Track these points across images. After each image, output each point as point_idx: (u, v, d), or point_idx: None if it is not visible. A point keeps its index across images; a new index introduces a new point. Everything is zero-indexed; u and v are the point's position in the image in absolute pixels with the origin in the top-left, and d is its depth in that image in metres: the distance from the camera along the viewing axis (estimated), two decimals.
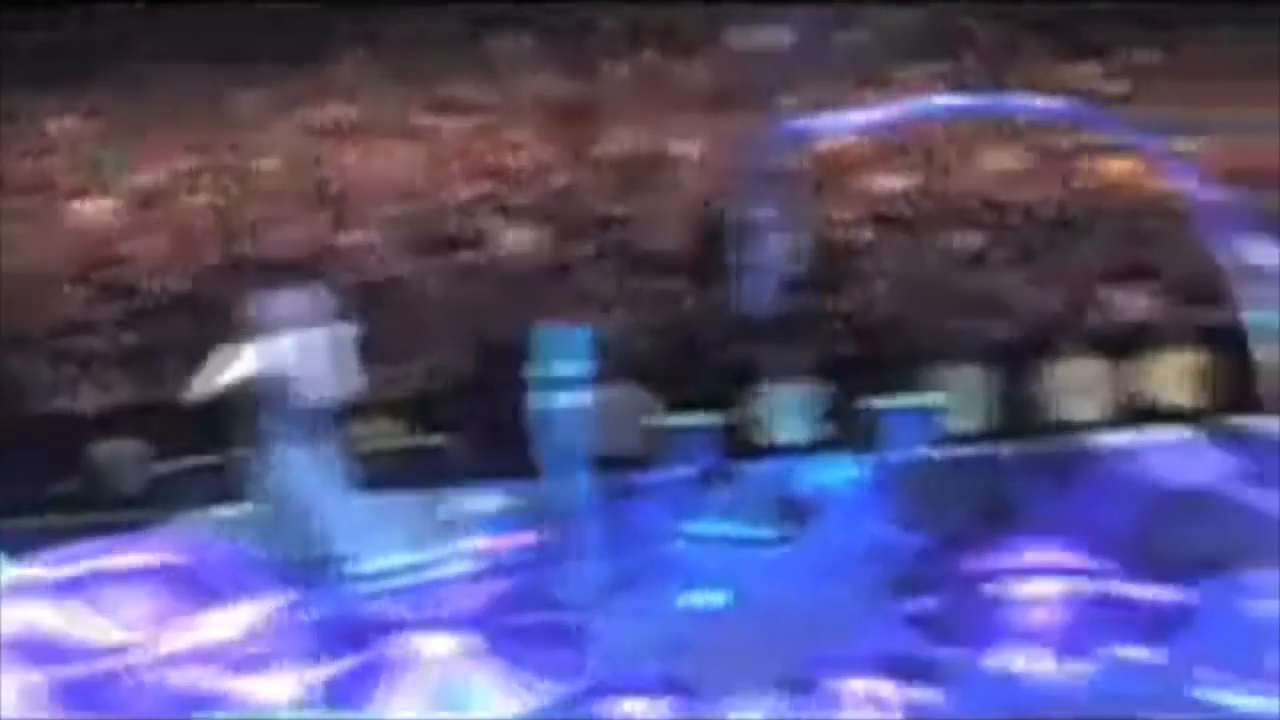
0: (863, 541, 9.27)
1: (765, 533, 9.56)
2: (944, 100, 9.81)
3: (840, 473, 10.54)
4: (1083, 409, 11.21)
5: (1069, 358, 11.35)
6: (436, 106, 15.02)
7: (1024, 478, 10.28)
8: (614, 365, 10.90)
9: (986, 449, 10.88)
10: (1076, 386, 11.26)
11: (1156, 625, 7.97)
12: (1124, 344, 11.49)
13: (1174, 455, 10.19)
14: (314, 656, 8.32)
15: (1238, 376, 10.73)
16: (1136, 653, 7.78)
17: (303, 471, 8.84)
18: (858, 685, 7.62)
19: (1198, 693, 7.07)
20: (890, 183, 14.39)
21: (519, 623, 8.48)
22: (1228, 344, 11.12)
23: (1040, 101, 11.51)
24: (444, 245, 13.34)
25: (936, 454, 10.70)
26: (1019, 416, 11.30)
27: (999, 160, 14.16)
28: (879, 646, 7.90)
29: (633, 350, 11.49)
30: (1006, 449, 10.87)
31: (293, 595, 8.55)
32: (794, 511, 9.79)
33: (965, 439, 11.04)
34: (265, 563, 8.67)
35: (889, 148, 14.95)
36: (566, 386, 8.78)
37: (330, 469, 8.99)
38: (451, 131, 14.88)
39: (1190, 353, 11.05)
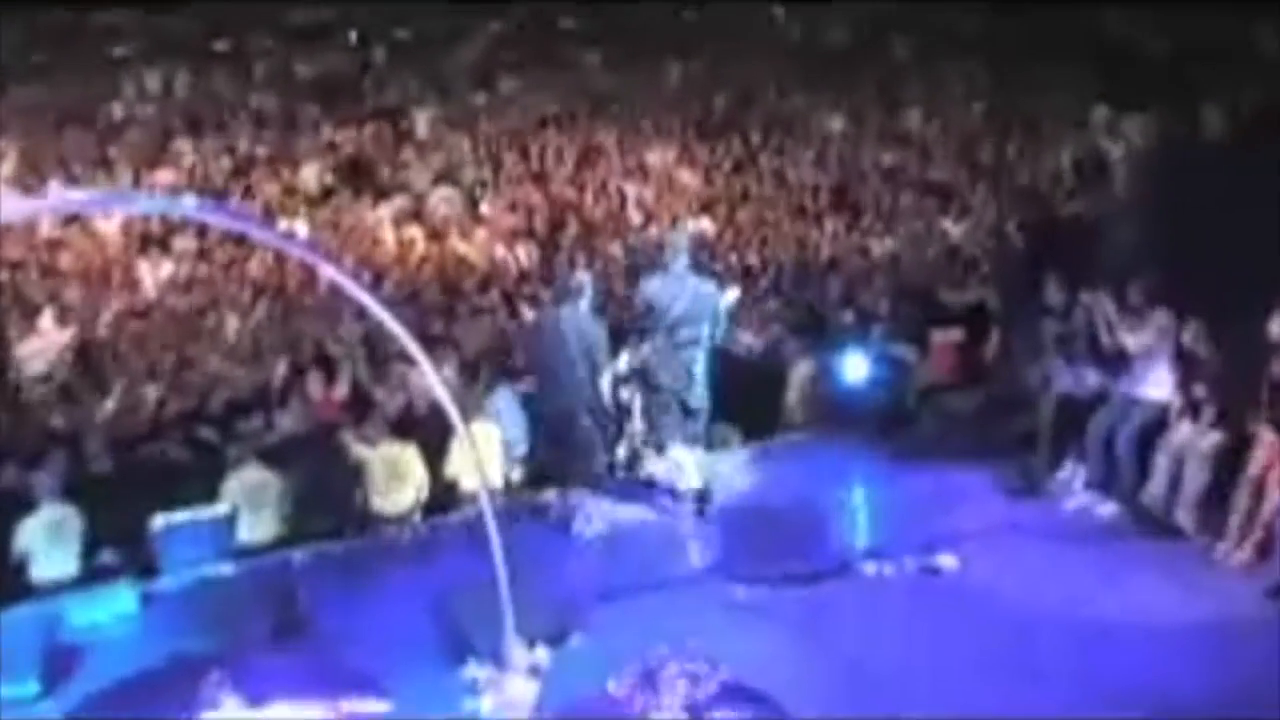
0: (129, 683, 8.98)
1: (25, 690, 9.05)
2: (70, 196, 9.75)
3: (114, 606, 10.20)
4: (386, 500, 11.42)
5: (368, 447, 11.52)
6: None
7: (319, 583, 10.37)
8: None
9: (283, 556, 10.88)
10: (378, 477, 11.45)
11: None
12: (422, 427, 11.81)
13: (468, 539, 10.58)
14: None
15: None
16: None
17: None
18: None
19: None
20: (155, 275, 14.35)
21: None
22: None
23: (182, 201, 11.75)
24: None
25: (227, 569, 10.56)
26: (317, 517, 11.35)
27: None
28: None
29: None
30: (304, 554, 10.92)
31: None
32: (59, 660, 9.35)
33: (259, 549, 11.00)
34: None
35: (148, 239, 14.91)
36: None
37: None
38: None
39: (482, 429, 11.47)
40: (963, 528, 10.21)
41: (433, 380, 5.70)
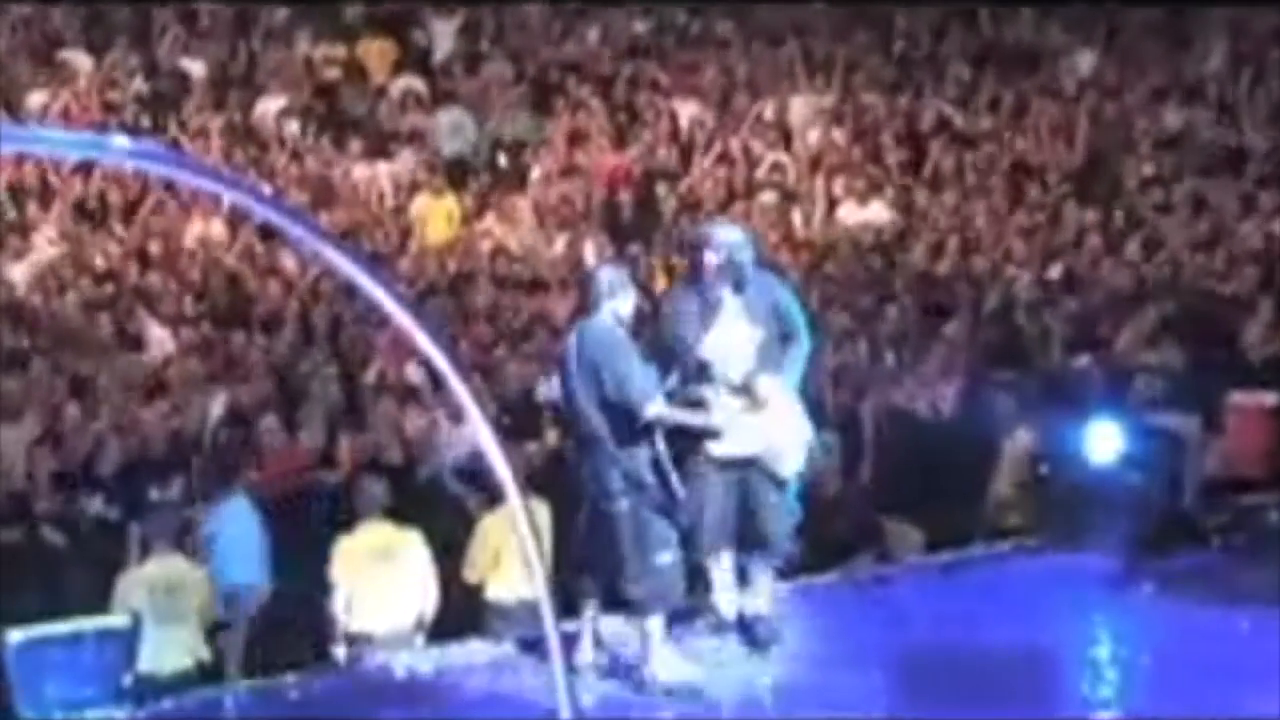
0: None
1: None
2: None
3: None
4: (370, 614, 11.52)
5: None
6: None
7: None
8: None
9: (210, 695, 11.01)
10: (359, 578, 11.56)
11: None
12: (429, 502, 12.23)
13: (495, 678, 10.65)
14: None
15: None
16: None
17: None
18: None
19: None
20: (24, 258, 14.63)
21: None
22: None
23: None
24: None
25: (120, 714, 10.65)
26: (264, 636, 11.59)
27: None
28: None
29: None
30: (243, 692, 11.05)
31: None
32: None
33: (173, 683, 11.10)
34: None
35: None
36: None
37: None
38: None
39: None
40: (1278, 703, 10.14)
41: (479, 427, 5.59)
